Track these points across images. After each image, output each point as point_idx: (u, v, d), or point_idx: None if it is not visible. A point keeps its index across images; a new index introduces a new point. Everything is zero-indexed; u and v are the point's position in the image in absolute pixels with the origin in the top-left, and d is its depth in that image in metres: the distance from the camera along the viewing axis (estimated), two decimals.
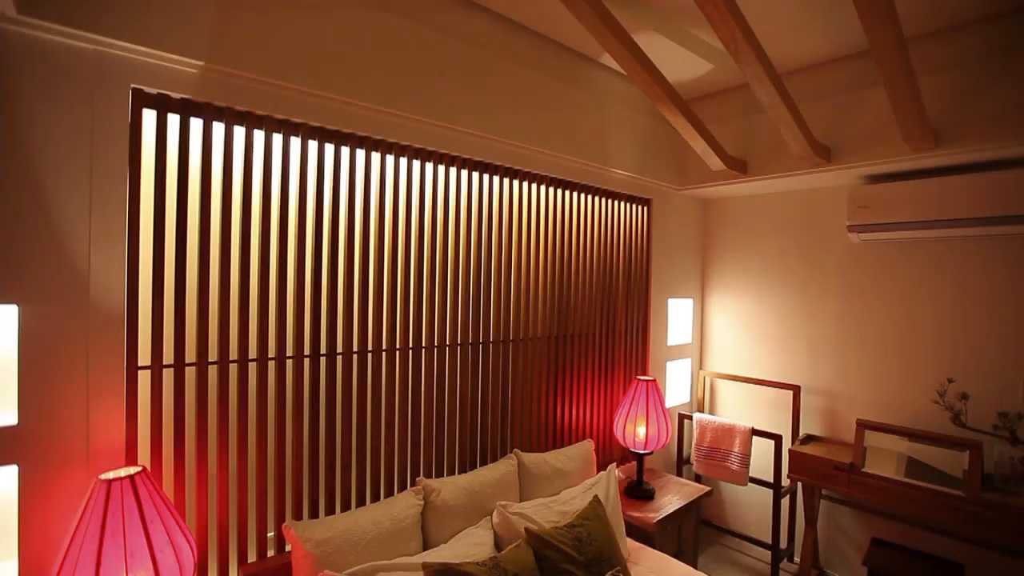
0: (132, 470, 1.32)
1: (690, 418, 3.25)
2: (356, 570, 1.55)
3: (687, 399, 3.48)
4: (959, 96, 2.18)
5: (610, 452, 2.95)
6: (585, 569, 1.77)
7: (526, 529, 1.81)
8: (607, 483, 2.22)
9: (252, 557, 1.72)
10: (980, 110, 2.13)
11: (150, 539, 1.26)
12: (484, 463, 2.28)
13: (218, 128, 1.64)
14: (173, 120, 1.55)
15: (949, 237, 2.52)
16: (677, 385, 3.37)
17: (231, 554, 1.68)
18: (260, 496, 1.72)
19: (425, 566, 1.54)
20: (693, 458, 3.14)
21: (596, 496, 2.06)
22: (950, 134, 2.19)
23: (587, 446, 2.47)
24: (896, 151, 2.34)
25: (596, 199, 2.81)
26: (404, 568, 1.60)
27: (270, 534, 1.78)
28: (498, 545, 1.89)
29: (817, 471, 2.68)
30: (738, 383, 3.36)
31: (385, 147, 1.97)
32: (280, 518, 1.76)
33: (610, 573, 1.75)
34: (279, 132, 1.74)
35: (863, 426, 2.61)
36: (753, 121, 2.86)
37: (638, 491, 2.63)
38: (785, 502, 3.04)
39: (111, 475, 1.30)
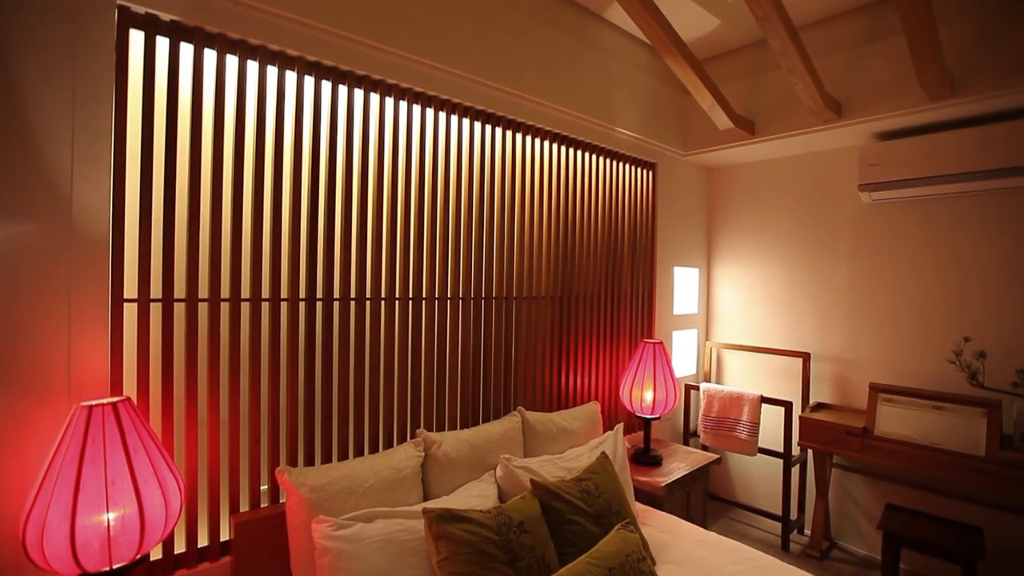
0: (115, 399, 1.25)
1: (697, 389, 3.17)
2: (353, 515, 1.47)
3: (693, 371, 3.40)
4: (978, 40, 2.11)
5: (616, 419, 2.87)
6: (594, 520, 1.70)
7: (532, 480, 1.74)
8: (614, 441, 2.15)
9: (244, 508, 1.64)
10: (999, 54, 2.07)
11: (133, 468, 1.18)
12: (487, 421, 2.20)
13: (209, 56, 1.56)
14: (162, 44, 1.48)
15: (962, 193, 2.45)
16: (683, 357, 3.29)
17: (223, 503, 1.60)
18: (253, 444, 1.64)
19: (426, 511, 1.47)
20: (700, 429, 3.07)
21: (603, 452, 1.99)
22: (968, 80, 2.13)
23: (593, 407, 2.39)
24: (909, 102, 2.28)
25: (600, 159, 2.74)
26: (404, 516, 1.53)
27: (263, 487, 1.70)
28: (502, 499, 1.82)
29: (829, 437, 2.60)
30: (746, 353, 3.28)
31: (384, 88, 1.90)
32: (273, 470, 1.68)
33: (620, 524, 1.67)
34: (273, 65, 1.67)
35: (876, 390, 2.54)
36: (761, 81, 2.79)
37: (645, 457, 2.56)
38: (795, 472, 2.96)
39: (92, 402, 1.23)
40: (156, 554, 1.48)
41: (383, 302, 1.91)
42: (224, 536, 1.60)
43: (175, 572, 1.50)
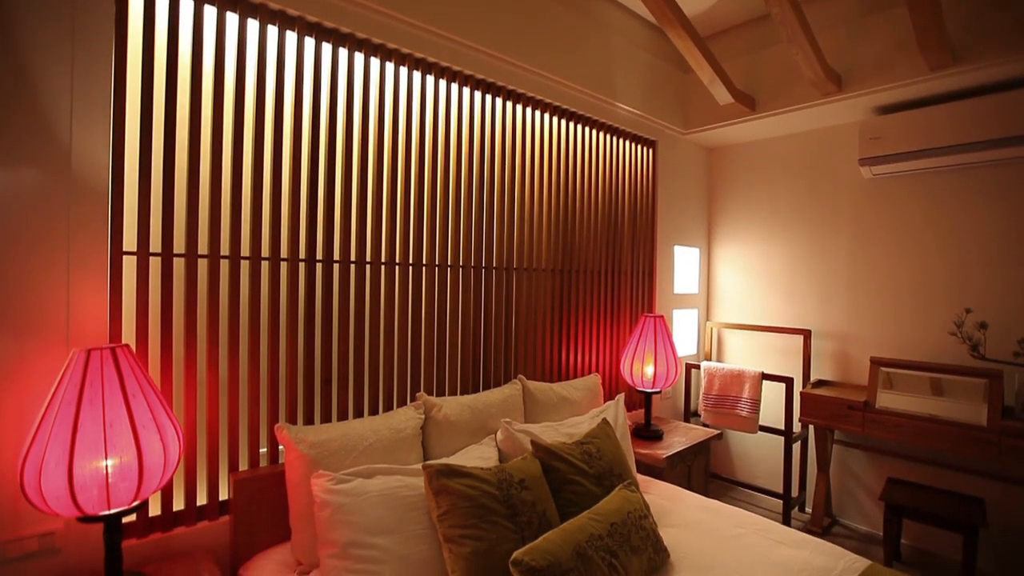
0: (114, 345, 1.24)
1: (697, 368, 3.17)
2: (353, 471, 1.46)
3: (694, 351, 3.39)
4: (979, 8, 2.10)
5: (616, 394, 2.85)
6: (595, 481, 1.69)
7: (533, 441, 1.73)
8: (615, 410, 2.14)
9: (244, 467, 1.63)
10: (999, 22, 2.06)
11: (131, 412, 1.17)
12: (487, 389, 2.19)
13: (209, 12, 1.56)
14: (162, 1, 1.48)
15: (961, 165, 2.44)
16: (684, 337, 3.29)
17: (221, 462, 1.60)
18: (252, 404, 1.63)
19: (426, 466, 1.46)
20: (701, 407, 3.06)
21: (604, 419, 1.98)
22: (968, 48, 2.12)
23: (594, 379, 2.38)
24: (909, 73, 2.27)
25: (601, 134, 2.74)
26: (404, 472, 1.52)
27: (263, 450, 1.69)
28: (502, 461, 1.80)
29: (830, 412, 2.59)
30: (746, 332, 3.28)
31: (384, 53, 1.90)
32: (272, 432, 1.67)
33: (622, 485, 1.67)
34: (274, 24, 1.66)
35: (877, 363, 2.53)
36: (761, 58, 2.79)
37: (646, 431, 2.55)
38: (796, 449, 2.95)
39: (91, 347, 1.22)
40: (155, 510, 1.48)
41: (383, 266, 1.91)
42: (223, 496, 1.59)
43: (174, 528, 1.50)
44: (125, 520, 1.37)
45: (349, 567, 1.33)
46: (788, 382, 2.79)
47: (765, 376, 2.86)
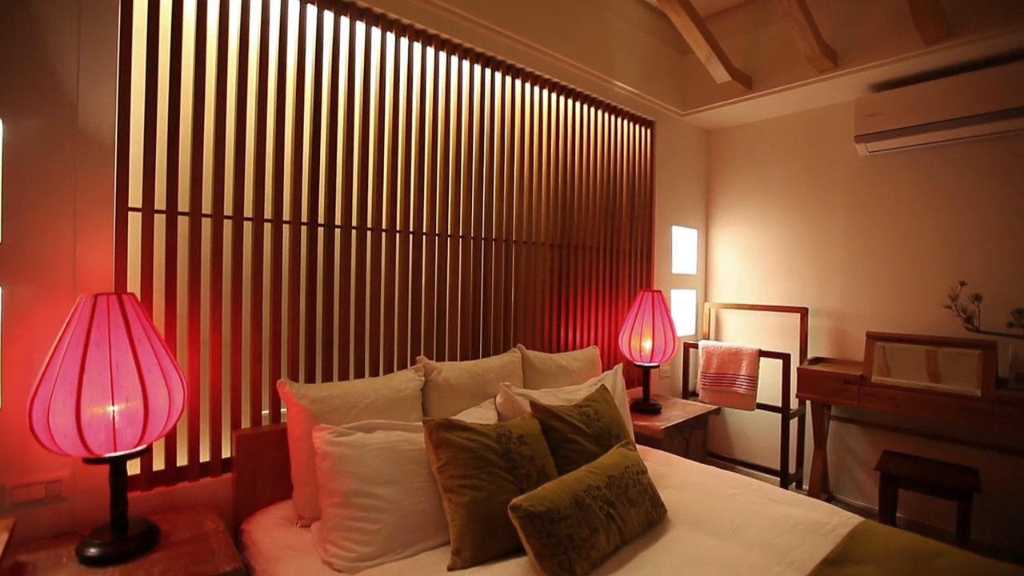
0: (120, 293, 1.26)
1: (696, 347, 3.19)
2: (354, 425, 1.48)
3: (693, 331, 3.42)
4: None
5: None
6: (593, 441, 1.71)
7: (532, 403, 1.75)
8: (614, 378, 2.16)
9: (246, 424, 1.65)
10: None
11: (137, 356, 1.20)
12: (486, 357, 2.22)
13: None
14: None
15: (955, 140, 2.47)
16: (683, 317, 3.31)
17: (224, 420, 1.62)
18: (255, 364, 1.66)
19: (426, 420, 1.48)
20: (699, 386, 3.08)
21: (603, 385, 2.00)
22: (962, 21, 2.15)
23: (593, 351, 2.41)
24: (904, 47, 2.30)
25: (599, 112, 2.76)
26: (404, 428, 1.54)
27: (264, 411, 1.71)
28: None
29: (827, 387, 2.62)
30: (744, 312, 3.30)
31: (385, 23, 1.92)
32: (274, 394, 1.69)
33: (620, 444, 1.69)
34: None
35: (872, 338, 2.55)
36: (757, 37, 2.81)
37: (645, 405, 2.57)
38: (793, 426, 2.98)
39: (98, 292, 1.24)
40: (159, 464, 1.50)
41: (384, 233, 1.93)
42: (226, 453, 1.62)
43: (177, 483, 1.52)
44: (130, 474, 1.39)
45: (351, 515, 1.35)
46: (785, 358, 2.82)
47: (762, 353, 2.88)
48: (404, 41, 1.98)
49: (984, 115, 2.27)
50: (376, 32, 1.92)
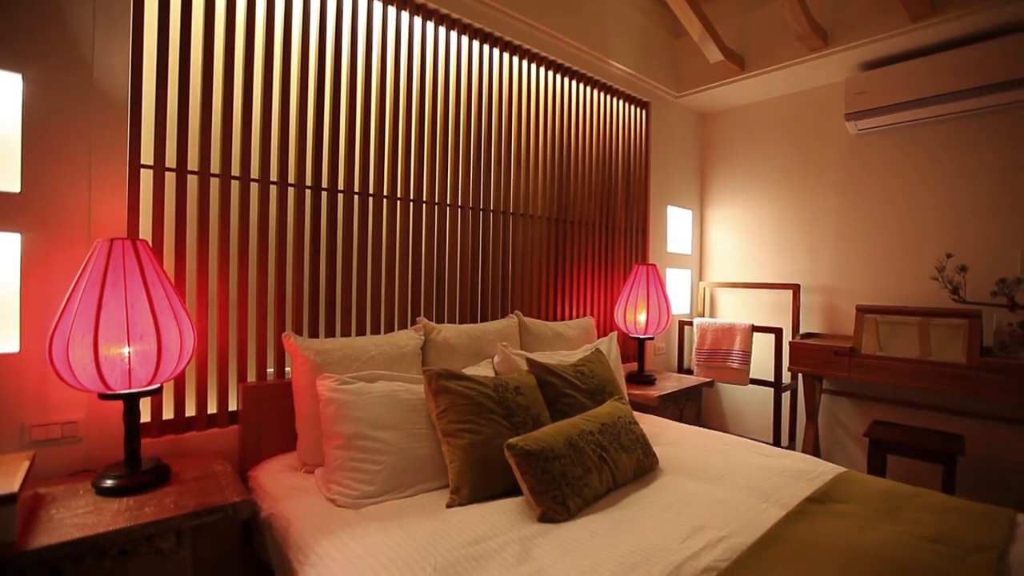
0: (134, 238, 1.32)
1: (690, 324, 3.25)
2: (356, 375, 1.54)
3: (687, 310, 3.48)
4: None
5: None
6: (588, 396, 1.77)
7: (528, 360, 1.81)
8: (609, 344, 2.22)
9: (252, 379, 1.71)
10: None
11: (151, 297, 1.26)
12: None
13: None
14: None
15: (942, 116, 2.53)
16: (677, 297, 3.37)
17: (231, 374, 1.68)
18: (260, 321, 1.71)
19: (425, 370, 1.54)
20: (694, 362, 3.14)
21: (597, 348, 2.06)
22: None
23: (588, 320, 2.47)
24: (892, 24, 2.37)
25: (595, 92, 2.82)
26: (405, 380, 1.60)
27: (269, 370, 1.77)
28: None
29: (818, 359, 2.68)
30: (738, 290, 3.36)
31: None
32: (279, 352, 1.75)
33: (614, 398, 1.75)
34: None
35: (862, 311, 2.61)
36: (750, 19, 2.88)
37: (640, 376, 2.63)
38: (785, 400, 3.03)
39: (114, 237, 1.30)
40: (168, 414, 1.56)
41: (385, 199, 1.99)
42: (232, 406, 1.68)
43: (186, 432, 1.58)
44: (141, 420, 1.45)
45: (354, 456, 1.41)
46: (778, 332, 2.88)
47: (755, 328, 2.94)
48: (405, 15, 2.04)
49: (968, 90, 2.34)
50: (378, 5, 1.98)
